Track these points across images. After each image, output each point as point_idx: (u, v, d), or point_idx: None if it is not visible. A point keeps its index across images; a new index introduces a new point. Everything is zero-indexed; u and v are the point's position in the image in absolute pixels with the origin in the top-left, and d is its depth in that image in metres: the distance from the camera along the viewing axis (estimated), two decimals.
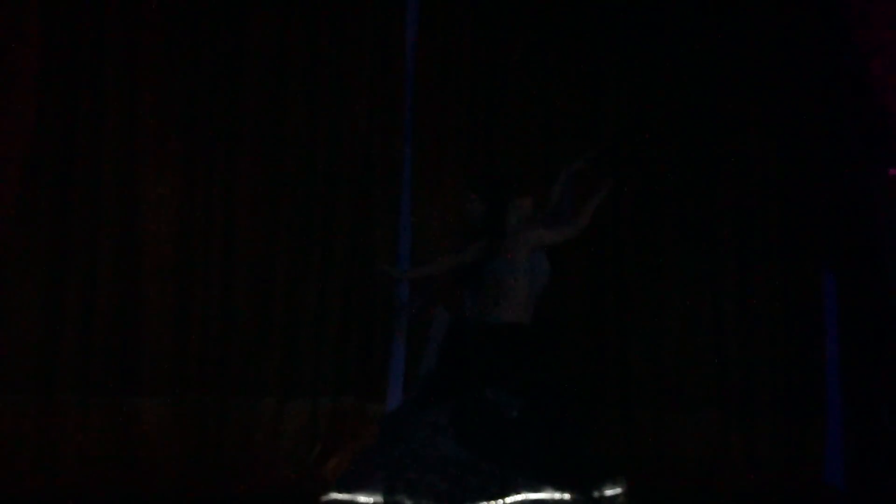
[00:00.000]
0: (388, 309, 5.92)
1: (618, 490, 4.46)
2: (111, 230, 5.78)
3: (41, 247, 5.70)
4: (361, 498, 4.38)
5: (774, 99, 6.42)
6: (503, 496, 4.25)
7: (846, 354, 6.30)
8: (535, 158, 6.21)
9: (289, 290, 5.91)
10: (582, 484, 4.38)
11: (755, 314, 6.30)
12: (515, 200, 4.86)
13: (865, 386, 6.17)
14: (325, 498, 4.46)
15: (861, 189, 6.28)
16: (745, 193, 6.36)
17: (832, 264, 6.38)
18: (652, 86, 6.35)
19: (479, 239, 4.84)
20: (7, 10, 5.75)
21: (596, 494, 4.40)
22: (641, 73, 6.35)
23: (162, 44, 5.92)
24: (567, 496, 4.29)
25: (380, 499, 4.36)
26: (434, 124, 6.14)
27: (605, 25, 6.38)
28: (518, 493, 4.26)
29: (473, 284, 4.85)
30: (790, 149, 6.41)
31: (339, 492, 4.44)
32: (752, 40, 6.43)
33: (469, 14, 6.27)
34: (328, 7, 6.11)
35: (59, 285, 5.70)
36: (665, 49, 6.38)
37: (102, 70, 5.86)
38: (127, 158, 5.85)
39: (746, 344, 6.28)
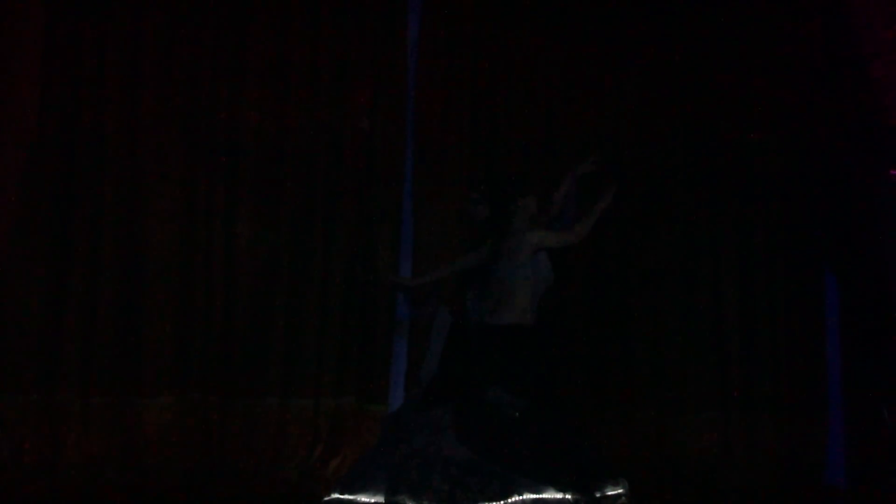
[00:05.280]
0: (390, 312, 5.94)
1: (619, 490, 4.47)
2: (113, 230, 5.78)
3: (43, 247, 5.71)
4: (363, 498, 4.39)
5: (776, 100, 6.43)
6: (505, 496, 4.25)
7: (847, 354, 6.31)
8: (538, 160, 6.21)
9: (291, 290, 5.91)
10: (583, 484, 4.38)
11: (757, 314, 6.31)
12: (519, 202, 4.87)
13: (866, 386, 6.17)
14: (327, 498, 4.47)
15: (862, 190, 6.28)
16: (747, 194, 6.37)
17: (833, 265, 6.38)
18: (654, 88, 6.36)
19: (482, 240, 4.84)
20: (9, 13, 5.76)
21: (597, 495, 4.41)
22: (644, 76, 6.36)
23: (163, 45, 5.93)
24: (569, 496, 4.29)
25: (381, 499, 4.36)
26: (436, 126, 6.14)
27: (610, 27, 6.38)
28: (520, 493, 4.27)
29: (476, 286, 4.86)
30: (791, 150, 6.42)
31: (341, 492, 4.45)
32: (755, 42, 6.44)
33: (471, 14, 6.27)
34: (330, 8, 6.11)
35: (62, 285, 5.71)
36: (667, 52, 6.39)
37: (104, 71, 5.86)
38: (129, 159, 5.85)
39: (748, 344, 6.28)
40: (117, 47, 5.89)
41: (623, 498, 4.47)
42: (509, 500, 4.26)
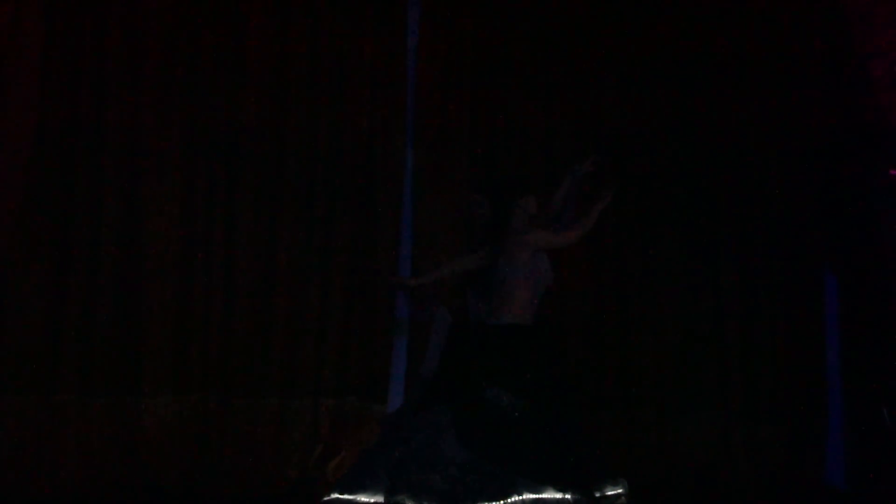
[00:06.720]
0: (390, 311, 5.94)
1: (619, 490, 4.47)
2: (113, 230, 5.77)
3: (43, 247, 5.70)
4: (362, 498, 4.38)
5: (776, 100, 6.43)
6: (504, 496, 4.25)
7: (847, 355, 6.31)
8: (537, 160, 6.21)
9: (291, 289, 5.91)
10: (583, 484, 4.37)
11: (757, 315, 6.31)
12: (519, 202, 4.86)
13: (866, 386, 6.17)
14: (326, 498, 4.46)
15: (862, 190, 6.28)
16: (747, 194, 6.37)
17: (833, 265, 6.38)
18: (654, 88, 6.36)
19: (482, 240, 4.84)
20: (9, 12, 5.76)
21: (597, 495, 4.40)
22: (643, 76, 6.36)
23: (163, 45, 5.93)
24: (568, 496, 4.29)
25: (381, 499, 4.36)
26: (436, 126, 6.14)
27: (609, 28, 6.39)
28: (519, 493, 4.26)
29: (476, 286, 4.85)
30: (791, 150, 6.42)
31: (341, 492, 4.44)
32: (754, 42, 6.44)
33: (471, 15, 6.27)
34: (330, 8, 6.12)
35: (61, 285, 5.70)
36: (667, 52, 6.39)
37: (104, 71, 5.86)
38: (129, 159, 5.85)
39: (748, 344, 6.28)
40: (117, 47, 5.88)
41: (623, 498, 4.47)
42: (509, 500, 4.25)
